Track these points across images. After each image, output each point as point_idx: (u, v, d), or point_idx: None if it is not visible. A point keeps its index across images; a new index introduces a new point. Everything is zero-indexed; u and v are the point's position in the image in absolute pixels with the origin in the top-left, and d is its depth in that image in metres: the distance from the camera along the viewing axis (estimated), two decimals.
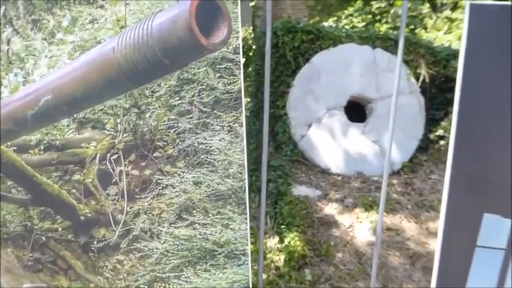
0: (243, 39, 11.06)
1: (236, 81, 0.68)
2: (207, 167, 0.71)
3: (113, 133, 0.69)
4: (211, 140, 0.69)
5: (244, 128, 0.69)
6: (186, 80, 0.67)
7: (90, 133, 0.68)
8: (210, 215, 0.71)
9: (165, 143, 0.69)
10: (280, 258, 4.85)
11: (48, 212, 0.71)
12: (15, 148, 0.69)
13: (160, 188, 0.71)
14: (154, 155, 0.70)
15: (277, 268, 4.70)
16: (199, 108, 0.69)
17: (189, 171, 0.71)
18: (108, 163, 0.70)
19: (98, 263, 0.70)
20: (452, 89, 5.16)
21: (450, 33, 8.60)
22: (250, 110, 7.55)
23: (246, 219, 0.73)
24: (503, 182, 0.75)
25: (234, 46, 0.66)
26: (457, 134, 0.74)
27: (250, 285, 0.71)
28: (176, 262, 0.70)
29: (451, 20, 8.94)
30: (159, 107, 0.68)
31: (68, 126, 0.68)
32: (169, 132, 0.69)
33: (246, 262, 0.74)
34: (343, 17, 9.09)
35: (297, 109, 6.32)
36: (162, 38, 0.64)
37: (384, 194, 0.90)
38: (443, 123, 6.63)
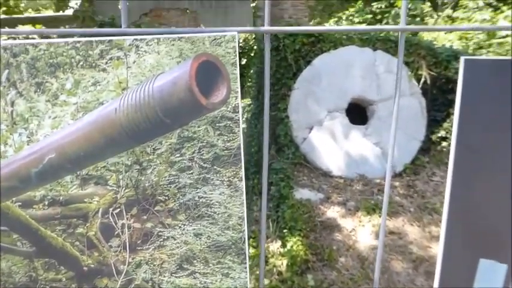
0: (244, 40, 11.03)
1: (235, 139, 0.69)
2: (208, 220, 0.72)
3: (115, 188, 0.70)
4: (212, 194, 0.71)
5: (243, 182, 0.71)
6: (187, 138, 0.69)
7: (93, 189, 0.70)
8: (211, 264, 0.73)
9: (166, 197, 0.71)
10: (282, 263, 4.88)
11: (52, 263, 0.73)
12: (20, 203, 0.70)
13: (162, 239, 0.73)
14: (155, 208, 0.71)
15: (279, 273, 4.72)
16: (199, 164, 0.70)
17: (190, 224, 0.72)
18: (110, 216, 0.71)
19: None
20: (453, 90, 5.16)
21: (451, 33, 8.56)
22: (252, 112, 7.56)
23: (246, 268, 0.75)
24: (498, 229, 0.77)
25: (233, 105, 0.67)
26: (452, 184, 0.75)
27: None
28: None
29: (452, 19, 8.90)
30: (160, 163, 0.69)
31: (71, 182, 0.70)
32: (170, 187, 0.71)
33: None
34: (344, 18, 9.07)
35: (298, 112, 6.34)
36: (163, 99, 0.65)
37: (387, 198, 0.91)
38: (445, 125, 6.63)
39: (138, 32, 0.66)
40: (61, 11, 9.41)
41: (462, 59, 0.73)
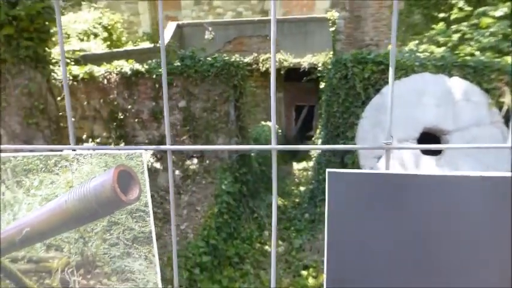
0: (323, 64, 11.15)
1: (147, 225, 0.94)
2: (132, 282, 0.97)
3: (68, 254, 0.99)
4: (133, 264, 0.96)
5: (156, 257, 0.95)
6: (114, 222, 0.95)
7: (54, 253, 1.00)
8: None
9: (102, 263, 0.98)
10: None
11: None
12: (10, 259, 1.03)
13: None
14: (95, 271, 0.98)
15: None
16: (123, 242, 0.96)
17: (119, 284, 0.98)
18: (66, 274, 1.00)
19: None
20: None
21: None
22: (322, 140, 7.67)
23: None
24: None
25: (144, 202, 0.93)
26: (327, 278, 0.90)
27: None
28: None
29: None
30: (97, 239, 0.96)
31: (40, 247, 1.00)
32: (104, 256, 0.97)
33: None
34: (425, 40, 8.78)
35: (366, 140, 6.31)
36: (96, 196, 0.93)
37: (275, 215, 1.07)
38: None
39: (76, 148, 0.95)
40: (155, 44, 10.45)
41: (327, 171, 0.89)
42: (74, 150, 0.94)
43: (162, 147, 0.98)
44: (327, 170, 0.89)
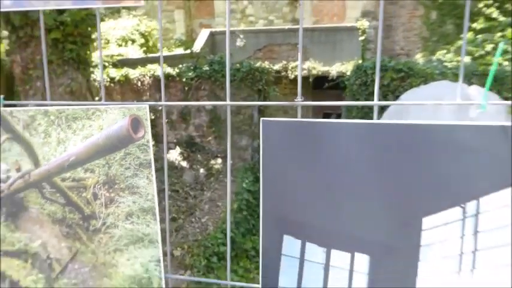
0: (351, 73, 11.49)
1: (148, 155, 1.48)
2: (138, 194, 1.51)
3: (98, 175, 1.55)
4: (139, 181, 1.50)
5: (153, 177, 1.49)
6: (127, 153, 1.49)
7: (89, 174, 1.55)
8: (140, 218, 1.52)
9: (119, 181, 1.53)
10: None
11: (72, 209, 1.60)
12: (60, 179, 1.60)
13: (118, 203, 1.54)
14: (115, 186, 1.53)
15: None
16: (133, 166, 1.50)
17: (131, 195, 1.51)
18: (96, 189, 1.56)
19: (92, 237, 1.56)
20: None
21: None
22: None
23: (157, 223, 1.51)
24: (294, 217, 1.35)
25: (147, 139, 1.47)
26: (263, 195, 1.35)
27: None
28: (125, 241, 1.52)
29: None
30: (116, 164, 1.52)
31: (80, 170, 1.56)
32: (121, 176, 1.51)
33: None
34: (452, 50, 9.04)
35: None
36: (117, 135, 1.48)
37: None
38: None
39: (106, 103, 1.51)
40: (188, 50, 11.17)
41: (261, 120, 1.37)
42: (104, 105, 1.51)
43: (159, 103, 1.53)
44: (261, 118, 1.36)
